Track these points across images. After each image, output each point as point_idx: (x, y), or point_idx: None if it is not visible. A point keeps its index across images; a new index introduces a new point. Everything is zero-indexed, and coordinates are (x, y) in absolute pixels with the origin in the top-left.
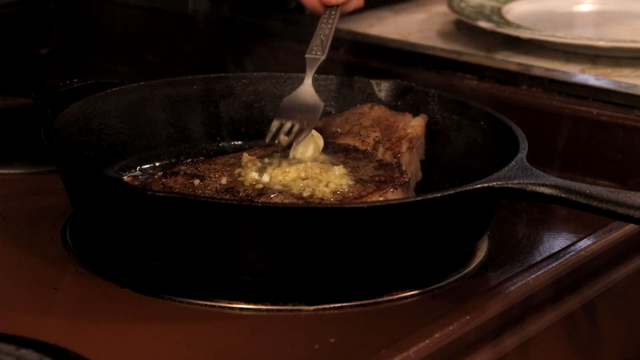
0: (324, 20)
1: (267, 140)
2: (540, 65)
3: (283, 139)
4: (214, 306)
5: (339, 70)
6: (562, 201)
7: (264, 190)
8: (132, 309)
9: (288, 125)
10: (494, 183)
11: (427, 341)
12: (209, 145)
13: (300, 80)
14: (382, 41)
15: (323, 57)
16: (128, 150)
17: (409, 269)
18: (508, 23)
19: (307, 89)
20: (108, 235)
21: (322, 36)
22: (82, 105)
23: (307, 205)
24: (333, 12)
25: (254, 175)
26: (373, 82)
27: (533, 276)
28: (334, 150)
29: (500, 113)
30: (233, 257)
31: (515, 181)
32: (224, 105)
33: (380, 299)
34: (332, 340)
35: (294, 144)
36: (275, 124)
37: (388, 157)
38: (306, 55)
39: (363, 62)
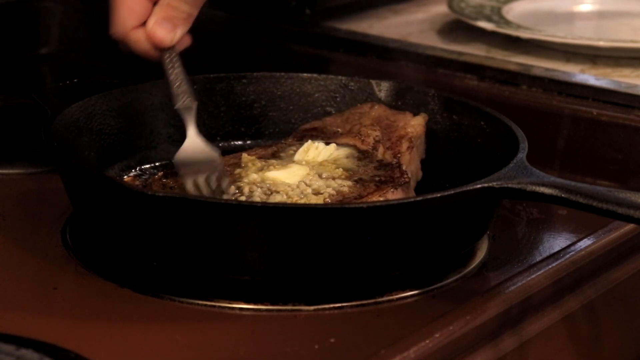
0: (170, 67)
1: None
2: (540, 65)
3: (210, 192)
4: (214, 306)
5: (339, 70)
6: (562, 201)
7: (265, 190)
8: (132, 309)
9: (202, 179)
10: (494, 183)
11: (427, 341)
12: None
13: (301, 81)
14: (382, 41)
15: (195, 103)
16: (128, 150)
17: (409, 269)
18: (508, 23)
19: (195, 140)
20: (108, 235)
21: (178, 82)
22: (82, 105)
23: (307, 205)
24: (172, 55)
25: (254, 175)
26: (373, 82)
27: (533, 276)
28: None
29: (500, 113)
30: (233, 257)
31: (515, 181)
32: (224, 105)
33: (380, 299)
34: (332, 340)
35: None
36: (189, 184)
37: (388, 156)
38: (176, 107)
39: (363, 62)
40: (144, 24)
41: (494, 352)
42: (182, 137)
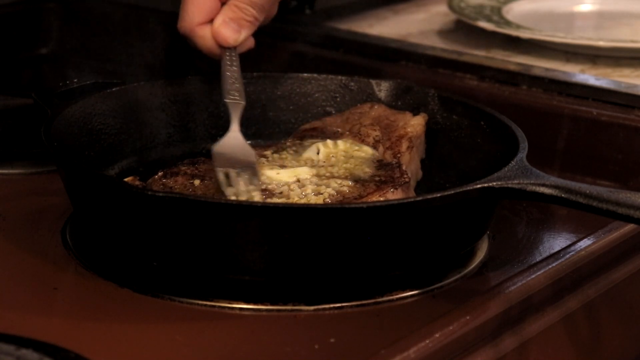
0: (228, 64)
1: (227, 193)
2: (540, 65)
3: (242, 186)
4: (214, 306)
5: (339, 70)
6: (562, 201)
7: (265, 190)
8: (132, 309)
9: (234, 173)
10: (494, 183)
11: (427, 341)
12: (209, 145)
13: (301, 81)
14: (382, 41)
15: (244, 103)
16: (128, 150)
17: (409, 269)
18: (508, 23)
19: (236, 136)
20: (108, 235)
21: (232, 79)
22: (82, 105)
23: (307, 205)
24: (233, 54)
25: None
26: (373, 82)
27: (533, 276)
28: None
29: (500, 113)
30: (233, 257)
31: (515, 181)
32: (224, 105)
33: (380, 299)
34: (332, 340)
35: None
36: (221, 175)
37: (388, 156)
38: (225, 100)
39: (363, 62)
40: (211, 21)
41: (494, 352)
42: (182, 137)
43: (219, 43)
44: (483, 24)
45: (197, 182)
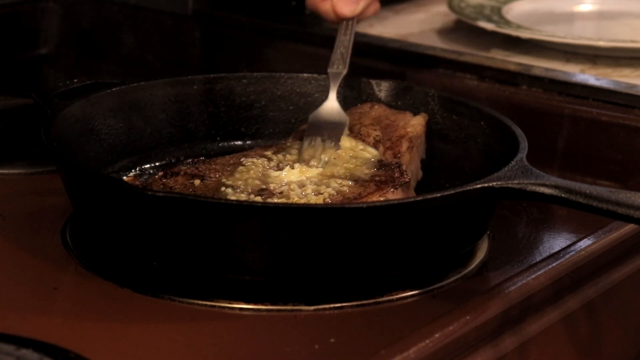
0: (342, 32)
1: (305, 157)
2: (540, 65)
3: (319, 151)
4: (214, 306)
5: None
6: (562, 201)
7: (265, 190)
8: (132, 309)
9: (317, 140)
10: (494, 183)
11: (427, 341)
12: (209, 145)
13: (301, 81)
14: (382, 41)
15: (345, 71)
16: (128, 150)
17: (409, 269)
18: (508, 23)
19: (332, 104)
20: (108, 235)
21: (341, 49)
22: (82, 105)
23: (307, 205)
24: (350, 23)
25: (255, 175)
26: (373, 82)
27: (533, 276)
28: None
29: (500, 113)
30: (233, 257)
31: (515, 181)
32: (224, 105)
33: (380, 299)
34: (332, 340)
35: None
36: (306, 143)
37: (388, 156)
38: (328, 70)
39: (363, 62)
40: None
41: (494, 352)
42: (182, 137)
43: (337, 16)
44: (483, 24)
45: (197, 182)
